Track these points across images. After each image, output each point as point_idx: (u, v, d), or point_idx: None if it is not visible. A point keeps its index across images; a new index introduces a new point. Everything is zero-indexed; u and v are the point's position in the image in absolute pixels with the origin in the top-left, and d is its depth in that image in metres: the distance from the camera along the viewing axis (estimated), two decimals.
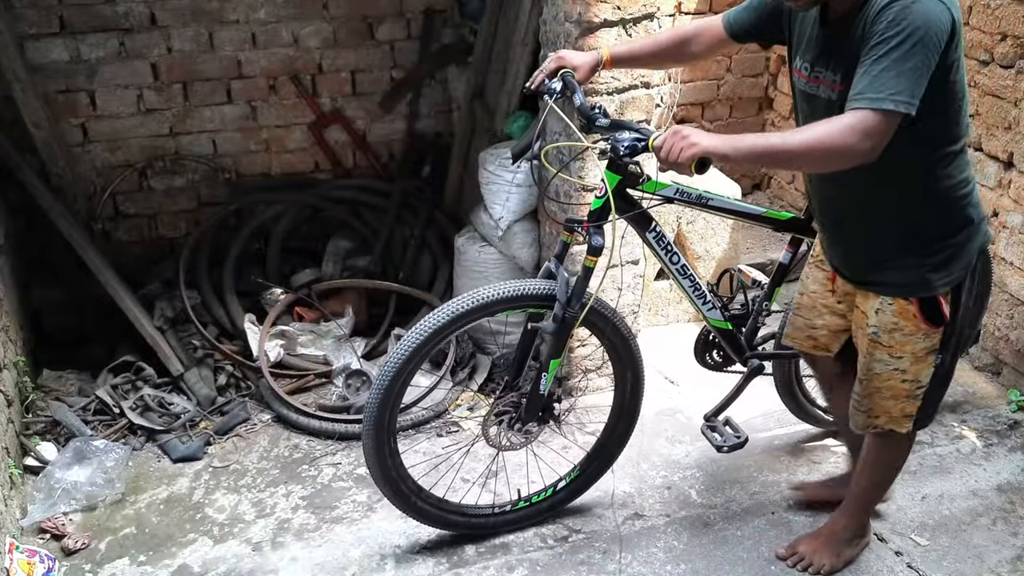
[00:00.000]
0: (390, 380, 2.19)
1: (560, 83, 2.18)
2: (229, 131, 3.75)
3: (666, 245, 2.33)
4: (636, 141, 1.97)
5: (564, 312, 2.19)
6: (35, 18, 3.34)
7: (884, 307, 2.01)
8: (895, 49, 1.61)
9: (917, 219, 1.92)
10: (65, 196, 3.44)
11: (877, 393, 2.12)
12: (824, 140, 1.64)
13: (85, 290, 3.38)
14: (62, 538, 2.52)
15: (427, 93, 3.94)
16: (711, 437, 2.58)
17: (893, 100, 1.61)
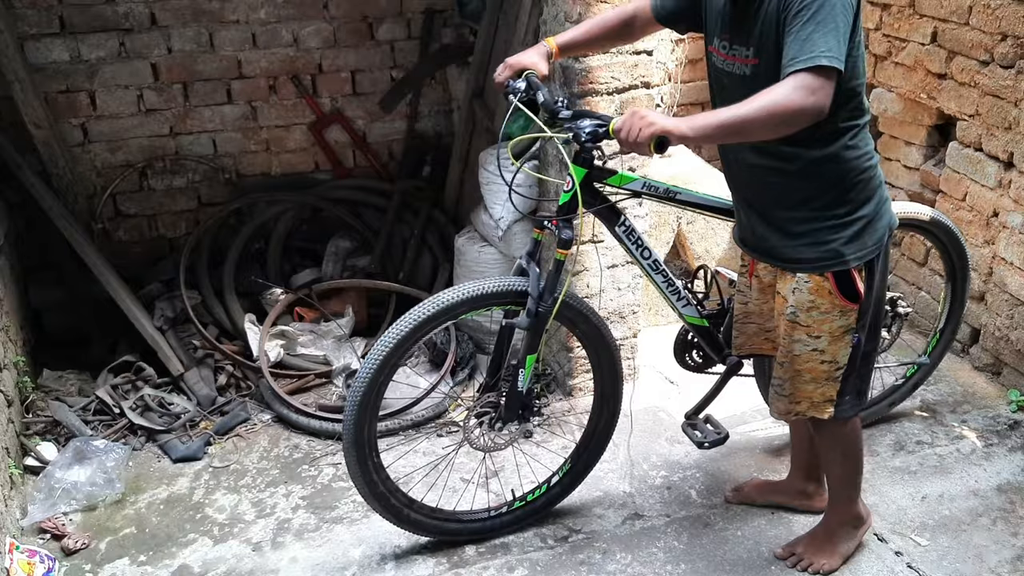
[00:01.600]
0: (363, 395, 2.18)
1: (524, 82, 2.20)
2: (229, 131, 3.75)
3: (637, 239, 2.33)
4: (597, 127, 2.01)
5: (537, 307, 2.19)
6: (35, 18, 3.34)
7: (801, 285, 2.04)
8: (818, 13, 1.69)
9: (828, 190, 1.96)
10: (65, 196, 3.44)
11: (798, 376, 2.14)
12: (776, 104, 1.70)
13: (85, 290, 3.38)
14: (62, 538, 2.52)
15: (427, 93, 3.94)
16: (691, 435, 2.56)
17: (826, 56, 1.68)
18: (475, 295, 2.21)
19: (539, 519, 2.58)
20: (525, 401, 2.35)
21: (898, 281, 3.70)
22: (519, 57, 2.24)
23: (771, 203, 2.05)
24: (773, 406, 2.25)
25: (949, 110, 3.29)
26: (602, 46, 2.44)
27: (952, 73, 3.25)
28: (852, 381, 2.15)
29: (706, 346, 2.52)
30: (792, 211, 2.01)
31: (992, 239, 3.17)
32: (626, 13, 2.24)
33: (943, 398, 3.16)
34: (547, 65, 2.23)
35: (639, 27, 2.24)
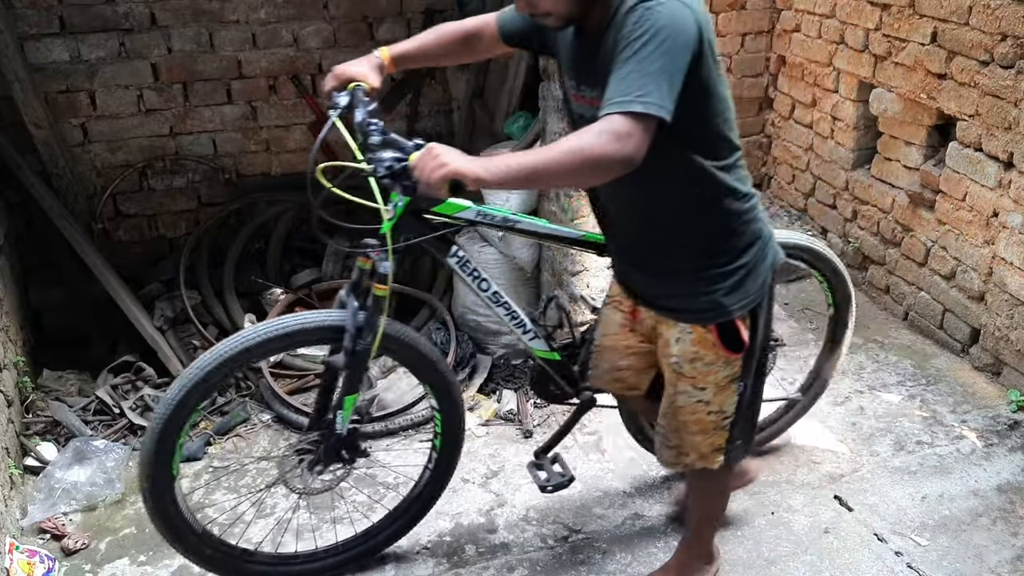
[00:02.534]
0: (155, 446, 2.02)
1: (348, 97, 2.00)
2: (229, 131, 3.75)
3: (472, 271, 2.16)
4: (396, 161, 1.83)
5: (355, 345, 2.02)
6: (35, 18, 3.34)
7: (684, 336, 1.92)
8: (639, 51, 1.52)
9: (701, 239, 1.84)
10: (65, 196, 3.44)
11: (684, 428, 2.03)
12: (581, 150, 1.53)
13: (85, 290, 3.38)
14: (62, 538, 2.52)
15: (427, 93, 3.94)
16: (535, 476, 2.41)
17: (641, 102, 1.50)
18: (283, 333, 2.02)
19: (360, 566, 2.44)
20: (348, 442, 2.19)
21: (898, 281, 3.71)
22: (347, 67, 2.05)
23: (645, 253, 1.94)
24: (659, 455, 2.13)
25: (949, 110, 3.29)
26: (442, 60, 2.25)
27: (952, 73, 3.25)
28: (740, 428, 2.05)
29: (559, 379, 2.36)
30: (667, 262, 1.89)
31: (992, 239, 3.18)
32: (466, 30, 2.08)
33: (943, 398, 3.16)
34: (378, 77, 2.05)
35: (486, 45, 2.08)
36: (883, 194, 3.75)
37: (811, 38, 4.08)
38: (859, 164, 3.94)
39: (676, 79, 1.54)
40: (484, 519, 2.62)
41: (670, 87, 1.52)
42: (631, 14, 1.56)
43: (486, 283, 2.18)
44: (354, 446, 2.22)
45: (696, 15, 1.58)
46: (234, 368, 2.06)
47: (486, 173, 1.58)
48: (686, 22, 1.55)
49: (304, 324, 2.05)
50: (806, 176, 4.30)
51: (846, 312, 2.65)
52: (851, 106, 3.88)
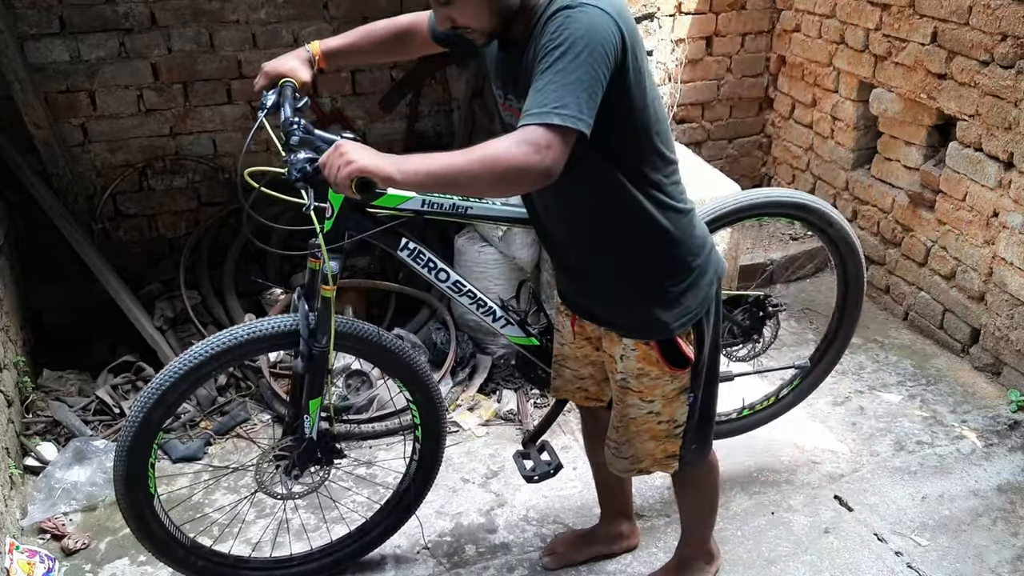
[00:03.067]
0: (125, 469, 2.01)
1: (275, 95, 1.96)
2: (229, 131, 3.75)
3: (427, 261, 2.09)
4: (308, 162, 1.79)
5: (311, 348, 2.00)
6: (35, 18, 3.34)
7: (628, 352, 1.89)
8: (557, 62, 1.47)
9: (632, 255, 1.79)
10: (65, 196, 3.44)
11: (636, 437, 1.99)
12: (496, 158, 1.47)
13: (85, 290, 3.38)
14: (62, 538, 2.52)
15: (427, 93, 3.94)
16: (520, 465, 2.37)
17: (558, 114, 1.45)
18: (236, 343, 1.99)
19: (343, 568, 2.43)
20: (321, 445, 2.17)
21: (898, 281, 3.71)
22: (277, 63, 2.00)
23: (584, 272, 1.90)
24: (612, 465, 2.09)
25: (949, 110, 3.29)
26: (375, 56, 2.19)
27: (952, 73, 3.25)
28: (694, 433, 2.02)
29: (541, 365, 2.30)
30: (604, 280, 1.86)
31: (992, 239, 3.18)
32: (397, 27, 2.04)
33: (943, 398, 3.16)
34: (309, 72, 2.00)
35: (419, 43, 2.04)
36: (883, 194, 3.75)
37: (811, 38, 4.08)
38: (859, 164, 3.94)
39: (595, 90, 1.49)
40: (484, 519, 2.62)
41: (589, 98, 1.47)
42: (551, 22, 1.52)
43: (444, 273, 2.11)
44: (328, 448, 2.19)
45: (618, 21, 1.53)
46: (207, 374, 2.03)
47: (397, 173, 1.52)
48: (605, 29, 1.50)
49: (256, 332, 2.01)
50: (806, 176, 4.30)
51: (855, 268, 2.57)
52: (851, 106, 3.88)
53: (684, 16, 4.15)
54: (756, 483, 2.75)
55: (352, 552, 2.41)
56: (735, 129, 4.54)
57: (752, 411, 2.77)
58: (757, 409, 2.77)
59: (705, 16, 4.20)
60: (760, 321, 2.53)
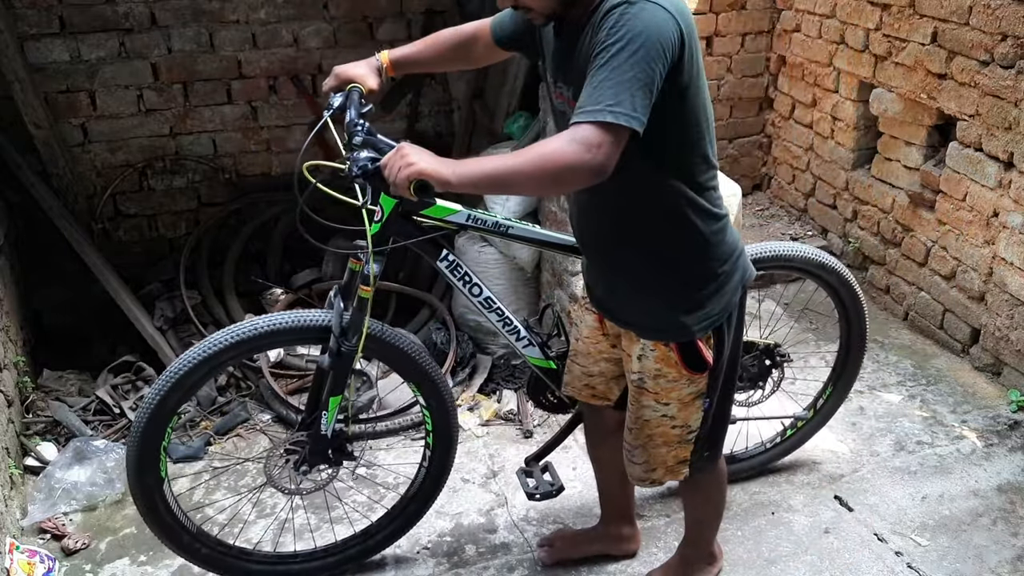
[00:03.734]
0: (139, 448, 2.02)
1: (342, 98, 2.02)
2: (229, 131, 3.75)
3: (463, 276, 2.13)
4: (370, 160, 1.83)
5: (340, 345, 2.02)
6: (35, 18, 3.34)
7: (647, 352, 1.89)
8: (614, 58, 1.47)
9: (667, 258, 1.80)
10: (65, 196, 3.44)
11: (650, 442, 2.00)
12: (548, 157, 1.50)
13: (85, 290, 3.38)
14: (62, 538, 2.52)
15: (427, 93, 3.94)
16: (524, 482, 2.41)
17: (612, 112, 1.46)
18: (274, 329, 2.03)
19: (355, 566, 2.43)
20: (334, 444, 2.18)
21: (898, 281, 3.71)
22: (348, 68, 2.06)
23: (612, 269, 1.91)
24: (628, 472, 2.10)
25: (949, 110, 3.29)
26: (440, 66, 2.24)
27: (952, 73, 3.25)
28: (706, 440, 2.03)
29: (553, 388, 2.32)
30: (632, 277, 1.86)
31: (992, 239, 3.18)
32: (464, 35, 2.06)
33: (943, 398, 3.16)
34: (377, 80, 2.05)
35: (482, 50, 2.05)
36: (883, 194, 3.75)
37: (811, 38, 4.08)
38: (859, 164, 3.94)
39: (650, 88, 1.49)
40: (484, 519, 2.62)
41: (644, 96, 1.48)
42: (609, 16, 1.51)
43: (478, 288, 2.15)
44: (340, 448, 2.20)
45: (678, 19, 1.53)
46: (226, 361, 2.05)
47: (453, 176, 1.56)
48: (664, 27, 1.50)
49: (293, 323, 2.05)
50: (806, 176, 4.30)
51: (862, 314, 2.56)
52: (851, 106, 3.88)
53: None
54: (756, 483, 2.75)
55: (356, 553, 2.41)
56: (735, 129, 4.55)
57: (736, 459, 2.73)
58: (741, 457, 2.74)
59: (705, 16, 4.20)
60: (767, 370, 2.54)
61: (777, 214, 4.48)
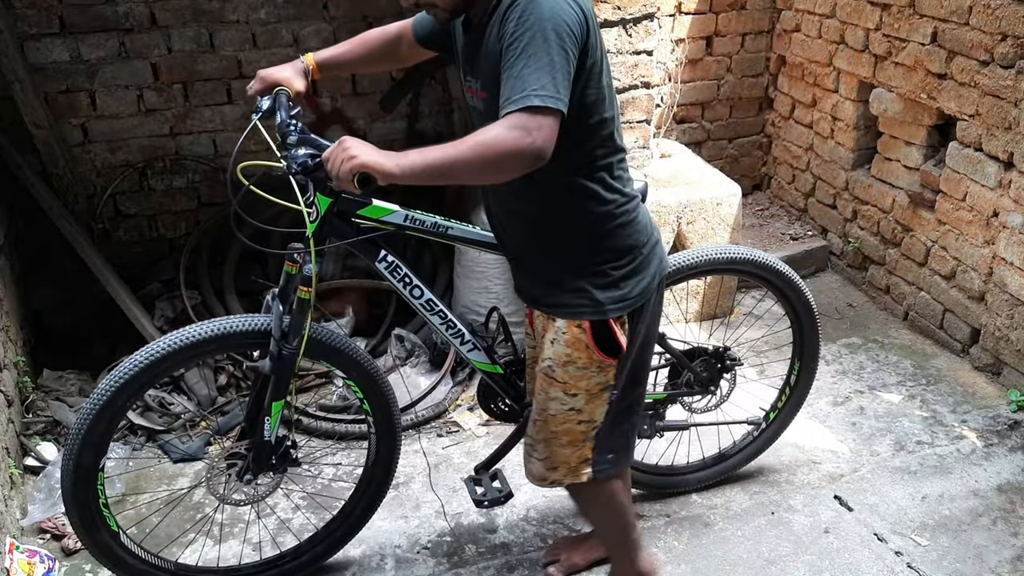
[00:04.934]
0: (76, 455, 1.96)
1: (269, 100, 2.02)
2: (229, 131, 3.75)
3: (403, 277, 2.10)
4: (309, 157, 1.84)
5: (281, 349, 2.00)
6: (35, 18, 3.34)
7: (559, 336, 1.88)
8: (528, 47, 1.53)
9: (580, 237, 1.81)
10: (65, 196, 3.44)
11: (554, 439, 1.97)
12: (489, 145, 1.54)
13: (85, 290, 3.38)
14: (62, 538, 2.52)
15: (427, 93, 3.94)
16: (472, 490, 2.35)
17: (538, 95, 1.51)
18: (203, 338, 1.98)
19: None
20: (278, 450, 2.14)
21: (898, 281, 3.71)
22: (273, 71, 2.06)
23: (525, 248, 1.93)
24: (527, 468, 2.06)
25: (949, 110, 3.29)
26: (368, 67, 2.23)
27: (952, 73, 3.25)
28: (609, 438, 1.99)
29: (503, 395, 2.30)
30: (545, 257, 1.87)
31: (992, 239, 3.18)
32: (390, 34, 2.07)
33: (943, 398, 3.17)
34: (303, 82, 2.05)
35: (407, 50, 2.07)
36: (883, 194, 3.75)
37: (811, 38, 4.08)
38: (859, 164, 3.94)
39: (568, 70, 1.55)
40: (484, 519, 2.62)
41: (564, 79, 1.54)
42: (513, 8, 1.57)
43: (419, 290, 2.12)
44: (285, 454, 2.16)
45: (580, 3, 1.60)
46: (169, 370, 2.02)
47: (396, 168, 1.58)
48: (569, 12, 1.57)
49: (228, 328, 2.01)
50: (806, 176, 4.30)
51: (811, 330, 2.54)
52: (851, 106, 3.88)
53: (684, 16, 4.15)
54: (756, 483, 2.75)
55: (298, 566, 2.37)
56: (735, 129, 4.55)
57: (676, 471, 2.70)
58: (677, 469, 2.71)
59: (705, 16, 4.21)
60: (718, 373, 2.50)
61: (777, 214, 4.48)
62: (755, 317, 3.73)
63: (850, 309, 3.82)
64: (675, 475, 2.68)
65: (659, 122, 4.00)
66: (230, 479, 2.18)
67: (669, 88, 4.09)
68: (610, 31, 2.66)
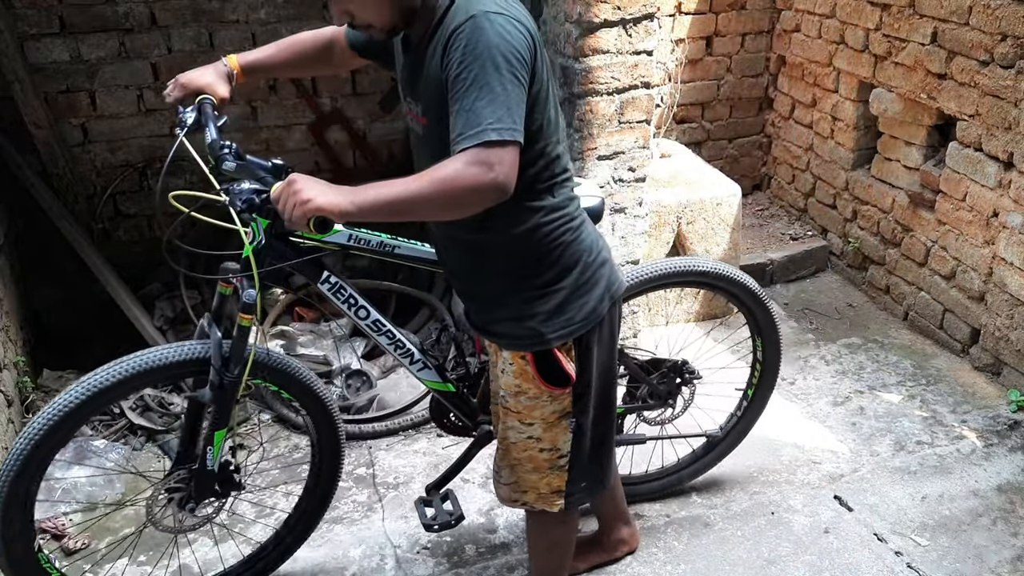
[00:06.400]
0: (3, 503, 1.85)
1: (195, 113, 1.88)
2: (229, 131, 3.74)
3: (348, 298, 2.00)
4: (255, 193, 1.73)
5: (222, 378, 1.90)
6: (35, 18, 3.34)
7: (506, 367, 1.80)
8: (478, 77, 1.45)
9: (520, 260, 1.72)
10: (65, 196, 3.44)
11: (519, 465, 1.89)
12: (450, 182, 1.45)
13: (85, 290, 3.38)
14: (62, 538, 2.52)
15: None
16: (421, 511, 2.28)
17: (495, 129, 1.44)
18: (134, 373, 1.87)
19: None
20: (221, 477, 2.07)
21: (898, 281, 3.71)
22: (193, 75, 1.92)
23: (466, 275, 1.85)
24: (496, 490, 2.00)
25: (949, 110, 3.29)
26: (298, 71, 2.12)
27: (952, 73, 3.25)
28: (583, 469, 1.90)
29: (455, 411, 2.23)
30: (487, 281, 1.79)
31: (992, 239, 3.18)
32: (322, 38, 1.98)
33: (943, 398, 3.17)
34: (227, 88, 1.93)
35: (339, 56, 1.98)
36: (883, 194, 3.75)
37: (811, 38, 4.08)
38: (859, 164, 3.94)
39: (522, 98, 1.49)
40: (484, 519, 2.62)
41: (518, 108, 1.48)
42: (458, 35, 1.49)
43: (365, 311, 2.03)
44: (228, 479, 2.09)
45: (527, 25, 1.54)
46: (86, 416, 1.90)
47: (353, 207, 1.48)
48: (517, 37, 1.50)
49: (163, 359, 1.91)
50: (806, 176, 4.30)
51: (772, 343, 2.51)
52: (851, 106, 3.88)
53: (684, 16, 4.15)
54: (756, 483, 2.75)
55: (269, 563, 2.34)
56: (735, 129, 4.55)
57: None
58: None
59: (705, 16, 4.21)
60: (677, 387, 2.47)
61: (777, 214, 4.48)
62: None
63: (850, 309, 3.82)
64: (627, 484, 2.60)
65: (659, 122, 4.00)
66: (171, 508, 2.08)
67: (669, 88, 4.09)
68: (610, 31, 2.66)
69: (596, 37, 2.65)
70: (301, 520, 2.35)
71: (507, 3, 1.54)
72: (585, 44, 2.65)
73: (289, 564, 2.44)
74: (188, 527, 2.15)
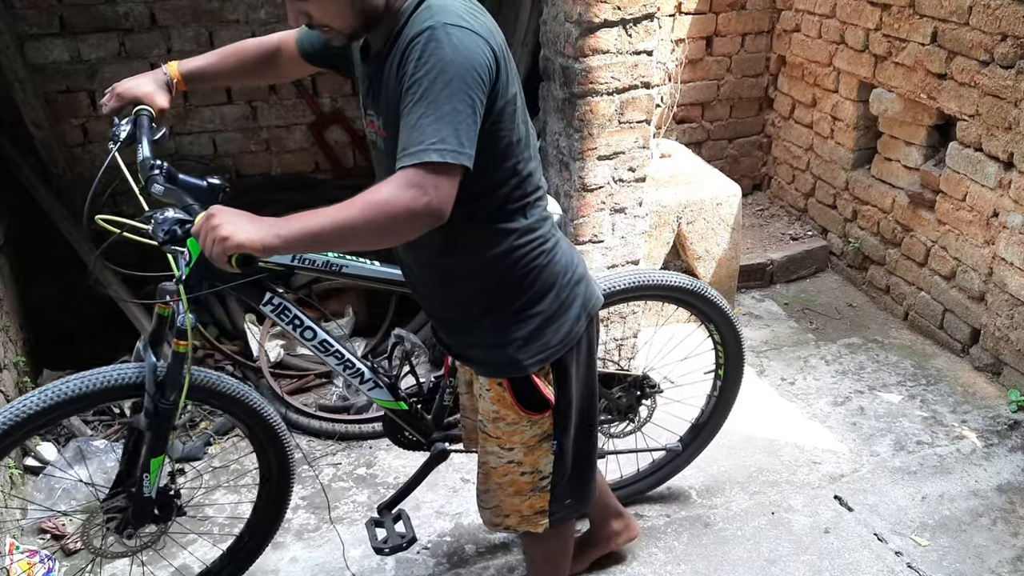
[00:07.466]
0: None
1: (129, 124, 1.79)
2: (229, 131, 3.75)
3: (292, 319, 1.91)
4: (178, 224, 1.64)
5: (156, 405, 1.83)
6: (35, 18, 3.34)
7: (484, 393, 1.76)
8: (428, 92, 1.36)
9: (493, 284, 1.65)
10: (65, 196, 3.44)
11: (500, 489, 1.85)
12: (382, 208, 1.36)
13: (85, 290, 3.38)
14: (62, 538, 2.52)
15: None
16: (372, 534, 2.22)
17: (437, 150, 1.34)
18: (65, 398, 1.77)
19: None
20: (160, 502, 2.00)
21: (898, 281, 3.71)
22: (131, 85, 1.83)
23: (436, 299, 1.78)
24: (480, 514, 1.96)
25: (949, 110, 3.29)
26: (242, 79, 2.01)
27: (952, 73, 3.25)
28: (566, 487, 1.87)
29: (410, 430, 2.18)
30: (457, 308, 1.73)
31: (992, 239, 3.18)
32: (268, 45, 1.89)
33: (943, 398, 3.17)
34: (167, 97, 1.85)
35: (287, 63, 1.89)
36: (883, 194, 3.75)
37: (811, 38, 4.08)
38: (859, 164, 3.94)
39: (474, 119, 1.39)
40: None
41: (469, 128, 1.38)
42: (413, 46, 1.39)
43: (311, 331, 1.95)
44: (167, 503, 2.02)
45: (489, 41, 1.43)
46: (31, 432, 1.82)
47: (277, 240, 1.38)
48: (476, 51, 1.40)
49: (93, 385, 1.80)
50: (806, 176, 4.30)
51: (735, 365, 2.49)
52: (851, 106, 3.88)
53: (684, 16, 4.15)
54: (756, 483, 2.75)
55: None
56: (735, 129, 4.55)
57: None
58: None
59: (705, 16, 4.21)
60: (637, 401, 2.45)
61: (777, 214, 4.48)
62: (753, 317, 3.73)
63: (850, 309, 3.82)
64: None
65: (659, 122, 4.00)
66: (109, 533, 2.01)
67: (669, 88, 4.09)
68: (610, 31, 2.66)
69: (596, 37, 2.65)
70: (251, 539, 2.29)
71: (472, 15, 1.45)
72: (585, 44, 2.65)
73: (289, 564, 2.44)
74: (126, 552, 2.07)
